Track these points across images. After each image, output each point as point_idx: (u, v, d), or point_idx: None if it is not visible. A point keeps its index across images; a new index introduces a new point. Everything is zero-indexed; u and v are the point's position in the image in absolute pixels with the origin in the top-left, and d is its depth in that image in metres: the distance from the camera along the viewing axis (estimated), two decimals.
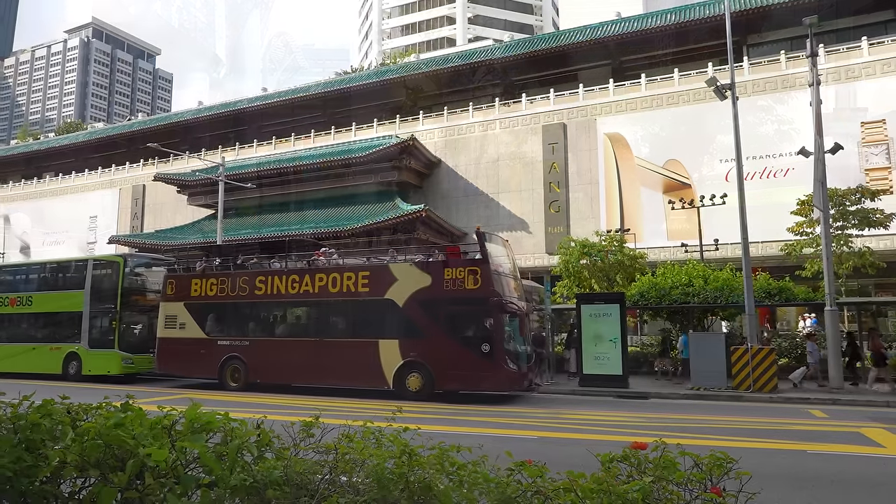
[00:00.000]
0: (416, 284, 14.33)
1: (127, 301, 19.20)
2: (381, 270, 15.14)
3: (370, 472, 2.41)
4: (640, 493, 2.19)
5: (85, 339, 19.36)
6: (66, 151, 54.72)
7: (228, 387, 16.27)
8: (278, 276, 16.30)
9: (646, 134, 31.88)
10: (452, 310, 14.06)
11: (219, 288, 17.03)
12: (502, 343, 13.52)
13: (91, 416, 2.91)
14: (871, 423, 10.69)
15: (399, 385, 14.20)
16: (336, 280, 15.40)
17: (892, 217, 22.64)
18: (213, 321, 17.28)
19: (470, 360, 13.63)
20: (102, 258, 20.88)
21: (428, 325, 14.23)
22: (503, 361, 13.47)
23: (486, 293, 13.59)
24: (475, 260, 14.21)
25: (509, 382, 13.78)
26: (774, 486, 6.11)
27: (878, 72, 28.28)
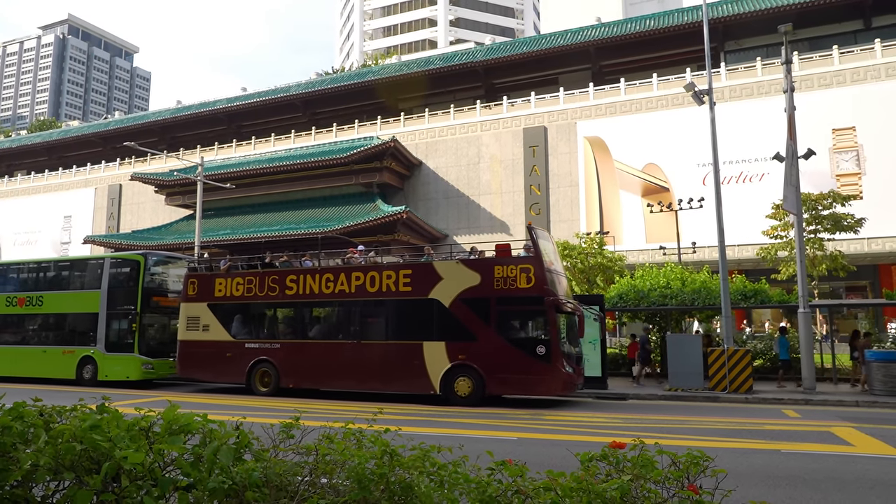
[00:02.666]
0: (464, 283, 13.63)
1: (147, 302, 18.03)
2: (424, 269, 14.34)
3: (351, 473, 2.40)
4: (618, 491, 2.21)
5: (101, 342, 18.13)
6: (39, 150, 53.57)
7: (258, 392, 15.36)
8: (311, 275, 15.38)
9: (625, 138, 32.27)
10: (504, 310, 13.35)
11: (245, 288, 16.06)
12: (559, 345, 12.87)
13: (65, 419, 2.86)
14: (842, 422, 10.94)
15: (446, 389, 13.43)
16: (375, 279, 14.58)
17: (862, 222, 23.23)
18: (239, 323, 16.26)
19: (524, 363, 12.96)
20: (121, 256, 19.63)
21: (477, 327, 13.48)
22: (560, 364, 12.81)
23: (541, 292, 12.96)
24: (527, 257, 13.50)
25: (565, 386, 13.04)
26: (750, 485, 6.22)
27: (849, 80, 29.03)
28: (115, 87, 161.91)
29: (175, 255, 21.34)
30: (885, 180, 27.20)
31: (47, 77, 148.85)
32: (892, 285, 28.05)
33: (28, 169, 53.33)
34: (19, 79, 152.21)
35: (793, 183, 16.13)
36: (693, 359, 15.72)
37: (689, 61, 34.27)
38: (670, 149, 30.95)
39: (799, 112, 17.26)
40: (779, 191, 24.40)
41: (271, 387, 15.33)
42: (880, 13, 32.40)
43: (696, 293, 18.65)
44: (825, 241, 23.33)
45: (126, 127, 48.82)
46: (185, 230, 37.75)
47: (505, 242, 14.44)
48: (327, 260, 16.51)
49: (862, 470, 7.20)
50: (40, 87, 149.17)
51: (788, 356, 16.86)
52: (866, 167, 28.03)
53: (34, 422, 2.70)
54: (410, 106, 41.34)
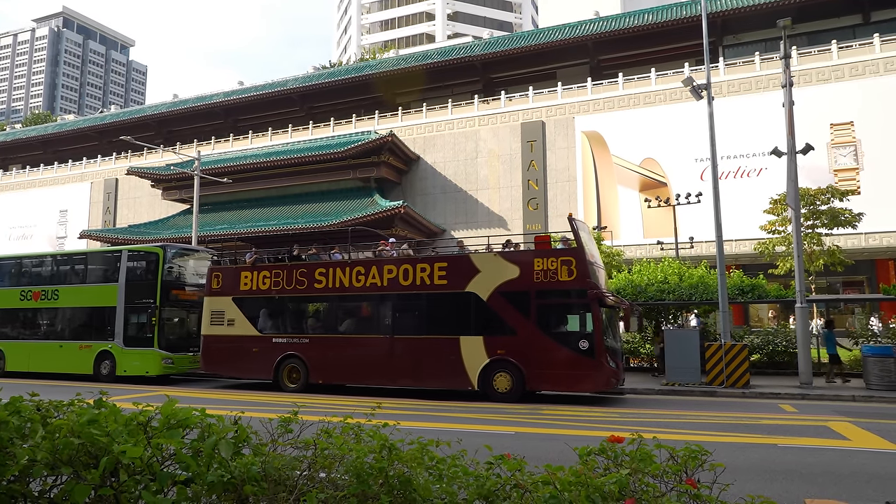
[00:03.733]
0: (502, 276, 13.27)
1: (166, 295, 17.58)
2: (460, 261, 13.97)
3: (349, 468, 2.40)
4: (617, 485, 2.22)
5: (119, 336, 17.70)
6: (34, 143, 53.33)
7: (286, 388, 14.98)
8: (341, 269, 14.98)
9: (623, 133, 32.25)
10: (545, 303, 13.02)
11: (272, 281, 15.63)
12: (602, 339, 12.53)
13: (62, 413, 2.85)
14: (838, 417, 10.99)
15: (485, 385, 13.13)
16: (408, 272, 14.17)
17: (860, 217, 23.27)
18: (266, 317, 15.86)
19: (567, 359, 12.65)
20: (140, 249, 19.10)
21: (517, 321, 13.14)
22: (604, 359, 12.49)
23: (583, 285, 12.63)
24: (569, 249, 13.18)
25: (609, 382, 12.70)
26: (746, 479, 6.25)
27: (847, 75, 29.02)
28: (111, 81, 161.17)
29: (192, 247, 20.71)
30: (883, 175, 27.24)
31: (42, 70, 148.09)
32: (889, 280, 28.14)
33: (23, 163, 53.09)
34: (13, 72, 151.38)
35: (791, 178, 16.16)
36: (690, 354, 15.75)
37: (688, 56, 34.23)
38: (668, 144, 30.94)
39: (797, 107, 17.25)
40: (777, 186, 24.45)
41: (300, 383, 14.97)
42: (879, 8, 32.36)
43: (693, 288, 18.69)
44: (823, 236, 23.37)
45: (122, 121, 48.60)
46: (182, 225, 37.66)
47: (545, 234, 14.05)
48: (357, 253, 16.05)
49: (858, 464, 7.24)
50: (35, 80, 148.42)
51: (836, 350, 16.28)
52: (864, 162, 28.06)
53: (31, 416, 2.69)
54: (408, 100, 41.23)
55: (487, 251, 14.18)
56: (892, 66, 28.27)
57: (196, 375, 18.62)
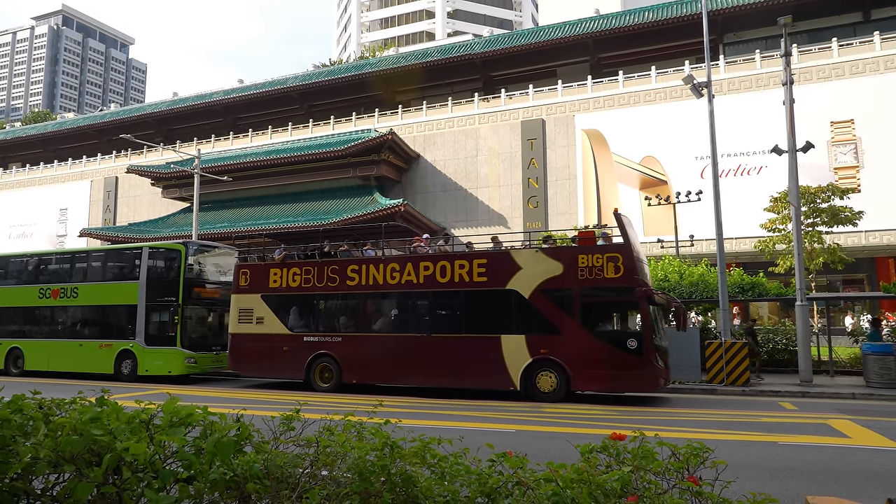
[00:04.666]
0: (545, 273, 12.89)
1: (189, 293, 17.20)
2: (500, 258, 13.66)
3: (352, 465, 2.40)
4: (619, 482, 2.22)
5: (141, 335, 17.33)
6: (34, 142, 53.31)
7: (318, 388, 14.65)
8: (374, 265, 14.61)
9: (623, 131, 32.23)
10: (591, 301, 12.64)
11: (303, 278, 15.26)
12: (652, 338, 12.18)
13: (64, 412, 2.85)
14: (838, 414, 11.00)
15: (527, 385, 12.81)
16: (445, 269, 13.80)
17: (860, 215, 23.27)
18: (296, 315, 15.49)
19: (614, 358, 12.27)
20: (161, 245, 18.79)
21: (561, 319, 12.80)
22: (653, 359, 12.13)
23: (631, 282, 12.30)
24: (616, 245, 12.80)
25: (658, 382, 12.37)
26: (747, 477, 6.25)
27: (847, 73, 28.99)
28: (111, 79, 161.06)
29: (213, 243, 20.40)
30: (884, 173, 27.23)
31: (41, 68, 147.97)
32: (889, 278, 28.14)
33: (23, 161, 53.08)
34: (13, 70, 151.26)
35: (791, 175, 16.15)
36: (691, 352, 15.75)
37: (688, 54, 34.20)
38: (668, 142, 30.92)
39: (798, 105, 17.24)
40: (777, 184, 24.45)
41: (332, 382, 14.64)
42: (879, 5, 32.32)
43: (693, 286, 18.69)
44: (823, 234, 23.37)
45: (122, 119, 48.57)
46: (182, 223, 37.66)
47: (589, 230, 13.68)
48: (390, 249, 15.73)
49: (858, 462, 7.25)
50: (34, 78, 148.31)
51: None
52: (864, 160, 28.05)
53: (33, 414, 2.70)
54: (408, 98, 41.20)
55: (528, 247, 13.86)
56: (892, 64, 28.25)
57: (219, 375, 18.23)
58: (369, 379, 14.60)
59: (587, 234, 13.61)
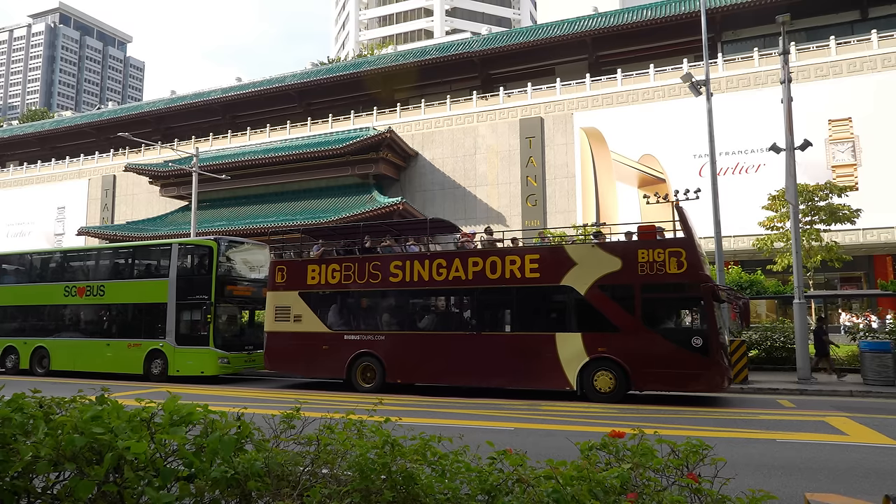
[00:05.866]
0: (603, 269, 12.51)
1: (221, 290, 16.68)
2: (554, 253, 13.27)
3: (353, 463, 2.41)
4: (618, 479, 2.23)
5: (171, 334, 16.81)
6: (31, 140, 53.18)
7: (359, 388, 14.23)
8: (419, 261, 14.12)
9: (622, 129, 32.24)
10: (652, 298, 12.25)
11: (343, 275, 14.80)
12: (718, 336, 11.87)
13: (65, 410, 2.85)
14: (836, 412, 11.04)
15: (585, 385, 12.42)
16: (496, 265, 13.38)
17: (858, 213, 23.32)
18: (336, 313, 15.05)
19: (678, 357, 11.83)
20: (192, 242, 18.30)
21: (620, 316, 12.41)
22: (720, 357, 11.79)
23: (696, 278, 11.90)
24: (678, 240, 12.44)
25: (723, 381, 11.90)
26: (745, 474, 6.27)
27: (845, 71, 29.02)
28: (108, 77, 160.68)
29: (242, 239, 19.86)
30: (881, 171, 27.27)
31: (39, 66, 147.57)
32: (886, 276, 28.21)
33: (20, 160, 52.96)
34: (9, 68, 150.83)
35: (790, 173, 16.17)
36: None
37: (687, 52, 34.20)
38: (667, 140, 30.94)
39: (796, 103, 17.26)
40: (775, 182, 24.47)
41: (375, 382, 14.19)
42: (877, 4, 32.36)
43: None
44: (821, 232, 23.42)
45: (120, 117, 48.48)
46: (181, 221, 37.61)
47: (649, 224, 13.34)
48: (435, 245, 15.37)
49: (856, 459, 7.28)
50: (31, 76, 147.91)
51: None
52: (862, 158, 28.09)
53: (34, 413, 2.70)
54: (407, 97, 41.16)
55: (584, 242, 13.50)
56: (890, 63, 28.28)
57: (252, 375, 17.86)
58: (415, 379, 14.19)
59: (647, 228, 13.16)
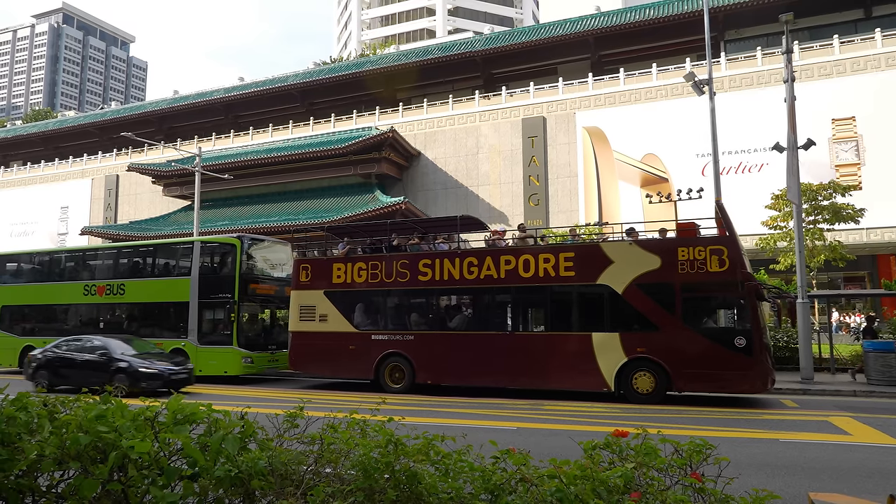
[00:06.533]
0: (641, 267, 12.24)
1: (245, 289, 16.46)
2: (589, 251, 13.06)
3: (356, 462, 2.41)
4: (622, 478, 2.23)
5: (193, 333, 16.58)
6: (35, 140, 53.32)
7: (388, 388, 13.94)
8: (449, 260, 13.84)
9: (624, 128, 32.18)
10: (693, 297, 11.99)
11: (370, 274, 14.52)
12: (761, 336, 11.63)
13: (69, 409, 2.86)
14: (839, 412, 11.01)
15: (623, 386, 12.19)
16: (529, 263, 13.10)
17: (862, 212, 23.25)
18: (362, 312, 14.80)
19: (720, 357, 11.59)
20: (215, 240, 18.06)
21: (659, 316, 12.12)
22: (764, 358, 11.54)
23: (738, 276, 11.61)
24: (719, 238, 12.24)
25: (767, 382, 11.63)
26: (749, 474, 6.26)
27: (849, 70, 28.93)
28: (111, 77, 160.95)
29: (266, 237, 19.67)
30: (885, 171, 27.18)
31: (42, 67, 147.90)
32: (890, 275, 28.12)
33: (24, 159, 53.09)
34: (13, 68, 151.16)
35: (793, 173, 16.13)
36: None
37: (689, 51, 34.11)
38: (669, 139, 30.87)
39: (799, 102, 17.22)
40: (778, 181, 24.39)
41: (404, 383, 13.94)
42: (881, 2, 32.24)
43: None
44: (825, 231, 23.35)
45: (123, 117, 48.57)
46: (183, 221, 37.67)
47: (689, 221, 13.04)
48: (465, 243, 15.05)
49: (859, 459, 7.26)
50: (35, 76, 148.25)
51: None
52: (866, 158, 28.00)
53: (38, 412, 2.71)
54: (409, 96, 41.15)
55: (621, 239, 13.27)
56: (893, 61, 28.18)
57: (275, 375, 17.71)
58: (446, 380, 13.96)
59: (687, 225, 12.90)
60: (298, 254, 16.64)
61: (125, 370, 13.27)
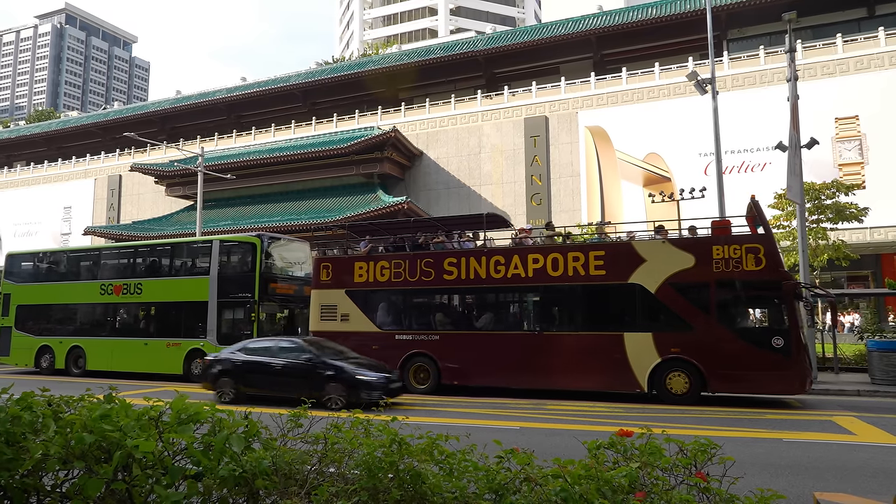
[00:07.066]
0: (674, 266, 12.06)
1: (265, 288, 16.30)
2: (620, 250, 12.82)
3: (360, 462, 2.41)
4: (627, 478, 2.23)
5: (212, 333, 16.35)
6: (38, 140, 53.45)
7: (413, 389, 13.67)
8: (475, 258, 13.69)
9: (626, 127, 32.14)
10: (728, 296, 11.85)
11: (393, 273, 14.33)
12: (800, 336, 11.45)
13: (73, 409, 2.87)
14: (843, 411, 10.98)
15: (656, 387, 12.00)
16: (558, 261, 12.94)
17: (865, 211, 23.19)
18: (385, 312, 14.63)
19: (758, 358, 11.40)
20: (234, 238, 17.82)
21: (693, 315, 11.93)
22: (803, 358, 11.35)
23: (776, 275, 11.45)
24: (756, 236, 12.02)
25: (806, 383, 11.40)
26: (753, 473, 6.25)
27: (852, 68, 28.85)
28: (114, 78, 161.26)
29: (285, 236, 19.46)
30: (888, 169, 27.10)
31: (45, 67, 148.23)
32: (894, 274, 28.01)
33: (27, 160, 53.22)
34: (16, 69, 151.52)
35: (796, 172, 16.08)
36: None
37: (692, 50, 34.04)
38: (672, 138, 30.82)
39: (802, 101, 17.18)
40: (781, 180, 24.33)
41: (429, 384, 13.73)
42: (884, 1, 32.14)
43: None
44: (828, 230, 23.29)
45: (125, 117, 48.65)
46: (186, 221, 37.73)
47: (724, 219, 12.81)
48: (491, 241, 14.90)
49: (864, 459, 7.24)
50: (38, 77, 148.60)
51: None
52: (869, 156, 27.92)
53: (43, 412, 2.71)
54: (411, 96, 41.15)
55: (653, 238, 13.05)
56: None
57: None
58: (472, 380, 13.67)
59: (722, 223, 12.70)
60: (319, 252, 16.44)
61: (339, 378, 11.36)
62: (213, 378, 12.37)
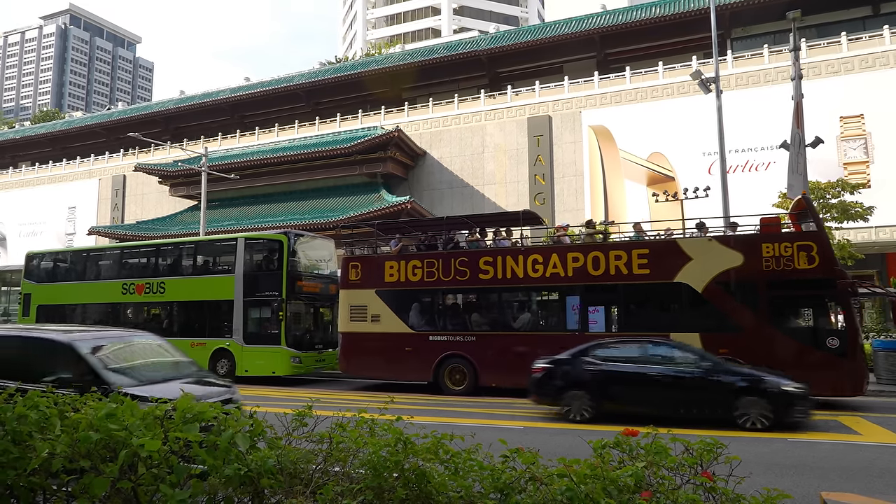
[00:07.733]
0: (722, 264, 11.75)
1: (292, 287, 16.00)
2: (665, 248, 12.55)
3: (365, 461, 2.41)
4: (633, 477, 2.22)
5: (238, 332, 16.11)
6: (42, 140, 53.64)
7: (448, 390, 13.55)
8: (512, 257, 13.39)
9: (630, 127, 32.07)
10: (779, 295, 11.50)
11: (425, 272, 14.02)
12: (857, 336, 11.12)
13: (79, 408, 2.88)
14: (848, 411, 10.94)
15: None
16: (598, 260, 12.64)
17: (871, 210, 23.10)
18: (418, 312, 14.34)
19: (812, 359, 11.06)
20: (260, 236, 17.56)
21: (742, 315, 11.67)
22: (860, 359, 11.03)
23: (830, 273, 11.10)
24: (808, 233, 11.69)
25: (863, 384, 11.05)
26: (757, 473, 6.23)
27: (857, 67, 28.72)
28: (118, 78, 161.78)
29: (312, 234, 19.23)
30: (894, 168, 26.97)
31: (50, 68, 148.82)
32: None
33: (32, 160, 53.42)
34: (21, 69, 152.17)
35: (799, 171, 16.01)
36: None
37: (696, 49, 33.94)
38: (676, 138, 30.74)
39: (806, 100, 17.11)
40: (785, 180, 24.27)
41: (466, 385, 13.47)
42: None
43: None
44: (833, 229, 23.20)
45: (130, 118, 48.79)
46: (190, 221, 37.81)
47: (773, 216, 12.51)
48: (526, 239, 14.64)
49: (869, 458, 7.21)
50: (43, 77, 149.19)
51: None
52: (874, 155, 27.79)
53: (49, 411, 2.72)
54: (414, 96, 41.15)
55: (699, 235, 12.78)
56: None
57: (321, 376, 17.43)
58: (512, 382, 13.14)
59: (772, 220, 12.37)
60: (346, 251, 16.14)
61: (762, 391, 9.17)
62: (556, 391, 10.40)
